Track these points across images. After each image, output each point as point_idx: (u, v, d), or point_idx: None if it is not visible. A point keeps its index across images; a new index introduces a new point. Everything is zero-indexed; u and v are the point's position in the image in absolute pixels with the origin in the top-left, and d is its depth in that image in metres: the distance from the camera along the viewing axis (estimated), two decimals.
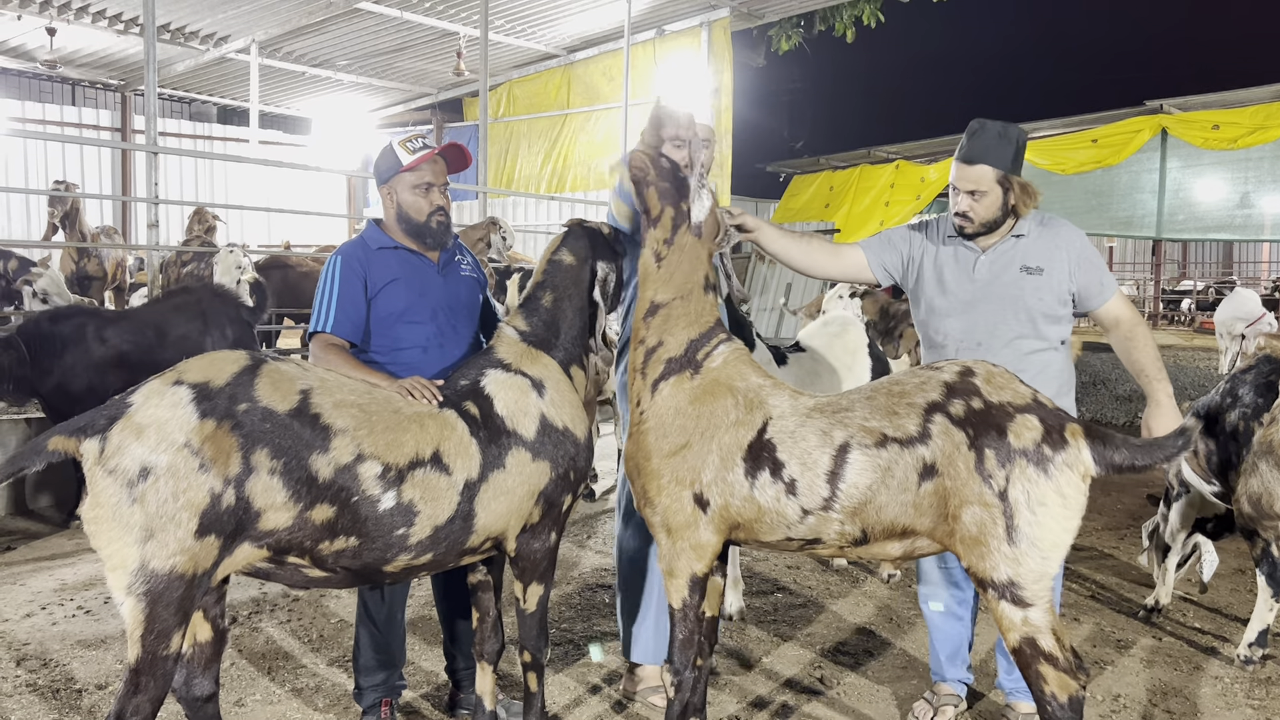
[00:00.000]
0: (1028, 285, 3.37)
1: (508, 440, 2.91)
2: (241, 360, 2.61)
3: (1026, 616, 2.61)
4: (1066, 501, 2.58)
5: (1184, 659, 4.37)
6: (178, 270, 9.73)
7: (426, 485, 2.71)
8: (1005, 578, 2.59)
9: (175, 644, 2.45)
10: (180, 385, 2.49)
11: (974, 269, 3.43)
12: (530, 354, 3.11)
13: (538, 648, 3.17)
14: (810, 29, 16.70)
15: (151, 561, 2.37)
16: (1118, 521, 6.71)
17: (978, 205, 3.35)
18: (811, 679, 4.08)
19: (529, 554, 3.03)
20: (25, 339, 5.92)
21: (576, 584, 5.24)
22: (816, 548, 2.85)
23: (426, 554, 2.77)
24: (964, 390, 2.69)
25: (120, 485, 2.37)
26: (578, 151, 15.30)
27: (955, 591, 3.64)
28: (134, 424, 2.41)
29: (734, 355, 2.99)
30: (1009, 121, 3.38)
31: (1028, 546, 2.56)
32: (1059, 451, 2.58)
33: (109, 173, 18.09)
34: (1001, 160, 3.31)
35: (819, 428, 2.75)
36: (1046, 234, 3.42)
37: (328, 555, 2.64)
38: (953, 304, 3.47)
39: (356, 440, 2.62)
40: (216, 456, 2.42)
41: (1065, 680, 2.60)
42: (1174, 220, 13.75)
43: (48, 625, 4.51)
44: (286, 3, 12.73)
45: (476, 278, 3.55)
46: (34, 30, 13.59)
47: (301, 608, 4.77)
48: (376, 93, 17.48)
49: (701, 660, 3.08)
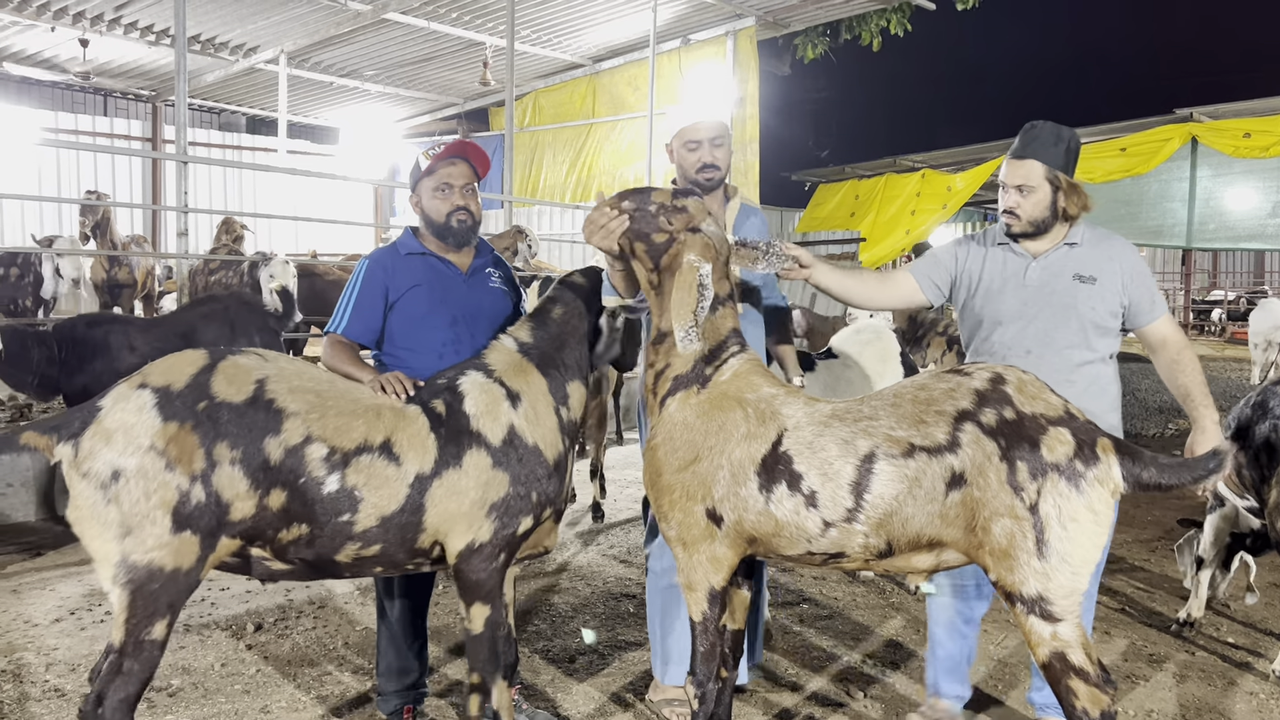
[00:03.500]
0: (1081, 294, 3.32)
1: (468, 440, 2.90)
2: (200, 360, 2.74)
3: (1056, 631, 2.56)
4: (1097, 518, 2.54)
5: (1218, 674, 4.30)
6: (205, 279, 9.82)
7: (372, 472, 2.75)
8: (1034, 592, 2.54)
9: (159, 631, 2.59)
10: (144, 389, 2.63)
11: (1025, 275, 3.38)
12: (520, 366, 3.10)
13: (488, 671, 3.03)
14: (836, 38, 16.67)
15: (131, 555, 2.54)
16: (1149, 534, 6.62)
17: (1025, 201, 3.31)
18: (838, 691, 4.04)
19: (470, 571, 2.92)
20: (58, 339, 6.04)
21: (599, 593, 5.22)
22: (840, 562, 2.80)
23: (375, 545, 2.80)
24: (996, 399, 2.63)
25: (95, 487, 2.54)
26: (602, 161, 15.33)
27: (961, 606, 3.56)
28: (103, 429, 2.57)
29: (745, 367, 2.94)
30: None
31: (1058, 561, 2.51)
32: (1091, 467, 2.53)
33: (140, 182, 18.29)
34: (1053, 159, 3.28)
35: (840, 436, 2.70)
36: (1100, 244, 3.38)
37: (286, 544, 2.73)
38: (1003, 311, 3.41)
39: (307, 423, 2.70)
40: (180, 456, 2.56)
41: (1096, 695, 2.56)
42: (1204, 229, 13.61)
43: (76, 630, 4.54)
44: (315, 14, 12.84)
45: (506, 290, 3.54)
46: (67, 42, 13.79)
47: (327, 615, 4.78)
48: (403, 103, 17.61)
49: (726, 673, 3.06)
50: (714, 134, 3.65)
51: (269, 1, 12.50)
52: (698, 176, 3.66)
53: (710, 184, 3.68)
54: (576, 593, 5.22)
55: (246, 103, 18.00)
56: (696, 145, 3.64)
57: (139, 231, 16.64)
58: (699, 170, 3.65)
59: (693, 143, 3.65)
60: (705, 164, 3.64)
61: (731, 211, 3.78)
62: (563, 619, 4.81)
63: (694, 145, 3.65)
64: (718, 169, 3.67)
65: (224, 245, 10.63)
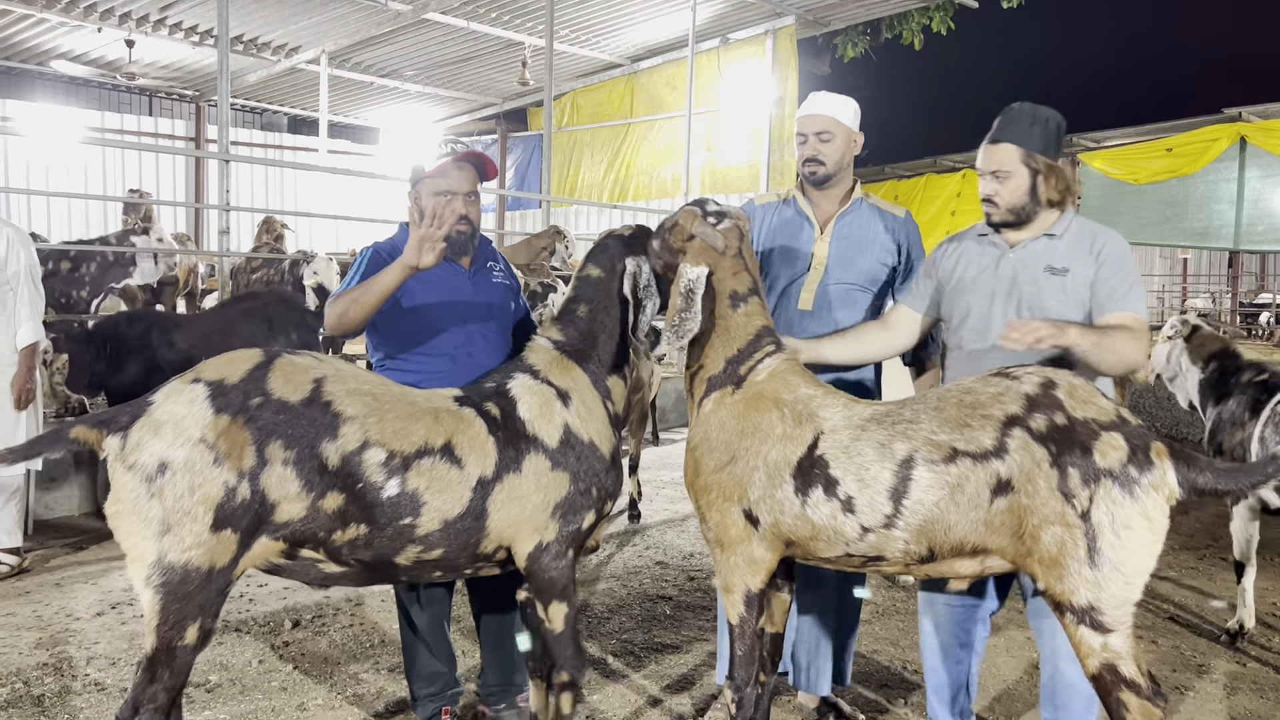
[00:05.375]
0: (1050, 286, 3.08)
1: (527, 444, 2.86)
2: (256, 357, 2.69)
3: (1106, 642, 2.49)
4: (1152, 525, 2.46)
5: (1270, 686, 4.19)
6: (247, 276, 9.90)
7: (434, 475, 2.70)
8: (1085, 602, 2.47)
9: (191, 636, 2.53)
10: (198, 383, 2.58)
11: (998, 267, 3.18)
12: (561, 364, 3.06)
13: (575, 667, 3.01)
14: (876, 36, 16.53)
15: (168, 555, 2.47)
16: (1196, 541, 6.48)
17: (1002, 188, 3.11)
18: (876, 696, 3.98)
19: (541, 571, 2.89)
20: (103, 337, 6.12)
21: (636, 594, 5.19)
22: (880, 565, 2.75)
23: (437, 549, 2.75)
24: (1047, 404, 2.56)
25: (139, 480, 2.47)
26: (640, 160, 15.31)
27: (956, 630, 3.33)
28: (153, 421, 2.51)
29: (782, 367, 2.90)
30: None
31: (1110, 570, 2.44)
32: (1145, 473, 2.46)
33: (183, 180, 18.51)
34: (1029, 141, 3.07)
35: (877, 440, 2.64)
36: (1083, 236, 3.12)
37: (341, 546, 2.67)
38: (974, 303, 3.19)
39: (365, 427, 2.65)
40: (231, 450, 2.50)
41: (1148, 708, 2.49)
42: (1253, 231, 13.33)
43: (117, 625, 4.57)
44: (356, 14, 12.92)
45: (508, 283, 3.47)
46: (113, 43, 13.98)
47: (364, 613, 4.79)
48: (443, 103, 17.69)
49: (764, 676, 3.02)
50: (819, 127, 3.49)
51: (310, 2, 12.60)
52: (803, 170, 3.55)
53: (815, 179, 3.55)
54: (613, 594, 5.19)
55: (288, 102, 18.16)
56: (804, 139, 3.53)
57: (182, 229, 16.83)
58: (804, 164, 3.54)
59: (800, 135, 3.54)
60: (808, 158, 3.52)
61: (842, 211, 3.59)
62: (599, 620, 4.78)
63: (801, 138, 3.54)
64: (822, 164, 3.51)
65: (265, 244, 10.71)
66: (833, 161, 3.52)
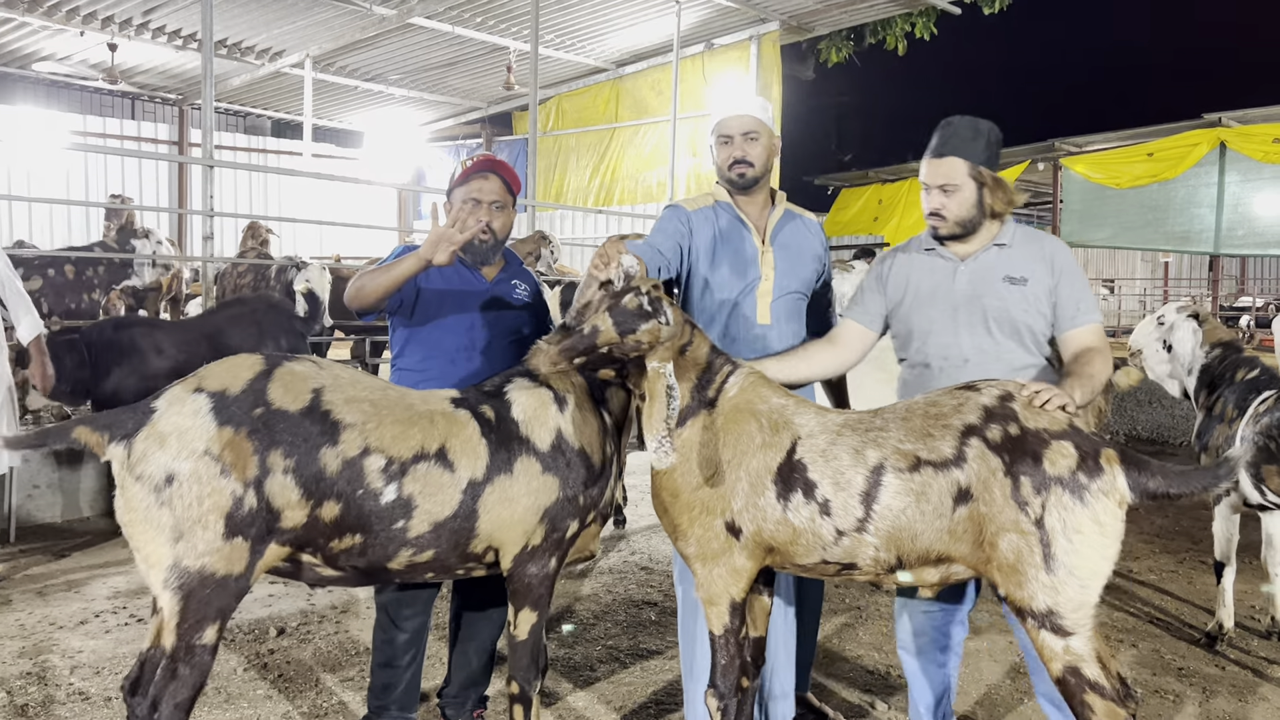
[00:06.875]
0: (1013, 296, 3.13)
1: (519, 446, 2.89)
2: (257, 365, 2.71)
3: (1068, 645, 2.55)
4: (1103, 529, 2.53)
5: (1248, 688, 4.24)
6: (235, 280, 9.87)
7: (428, 479, 2.74)
8: (1044, 606, 2.54)
9: (210, 636, 2.57)
10: (200, 393, 2.60)
11: (954, 280, 3.20)
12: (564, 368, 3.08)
13: (527, 679, 3.00)
14: (860, 42, 16.61)
15: (184, 560, 2.51)
16: (1176, 545, 6.54)
17: (950, 201, 3.13)
18: (860, 700, 4.01)
19: (523, 576, 2.92)
20: (87, 343, 6.10)
21: (621, 600, 5.21)
22: (853, 573, 2.80)
23: (428, 550, 2.78)
24: (1002, 415, 2.63)
25: (148, 490, 2.51)
26: (625, 165, 15.32)
27: (934, 634, 3.35)
28: (157, 432, 2.54)
29: (748, 381, 2.93)
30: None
31: (1066, 575, 2.51)
32: (1094, 478, 2.53)
33: (166, 185, 18.43)
34: (974, 154, 3.11)
35: (851, 446, 2.71)
36: (1030, 243, 3.19)
37: (338, 553, 2.71)
38: (935, 318, 3.20)
39: (364, 434, 2.69)
40: (235, 462, 2.53)
41: (1113, 709, 2.53)
42: (1233, 235, 13.47)
43: (101, 633, 4.56)
44: (340, 18, 12.90)
45: (530, 302, 3.50)
46: (96, 46, 13.91)
47: (349, 620, 4.79)
48: (427, 106, 17.66)
49: (747, 682, 3.04)
50: (746, 127, 3.38)
51: (295, 6, 12.57)
52: (730, 174, 3.43)
53: (743, 181, 3.42)
54: (598, 599, 5.21)
55: (272, 106, 18.10)
56: (728, 140, 3.40)
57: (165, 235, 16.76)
58: (730, 167, 3.41)
59: (724, 137, 3.41)
60: (735, 160, 3.40)
61: (774, 218, 3.52)
62: (584, 626, 4.80)
63: (726, 140, 3.41)
64: (751, 165, 3.40)
65: (251, 249, 10.68)
66: (760, 163, 3.42)
